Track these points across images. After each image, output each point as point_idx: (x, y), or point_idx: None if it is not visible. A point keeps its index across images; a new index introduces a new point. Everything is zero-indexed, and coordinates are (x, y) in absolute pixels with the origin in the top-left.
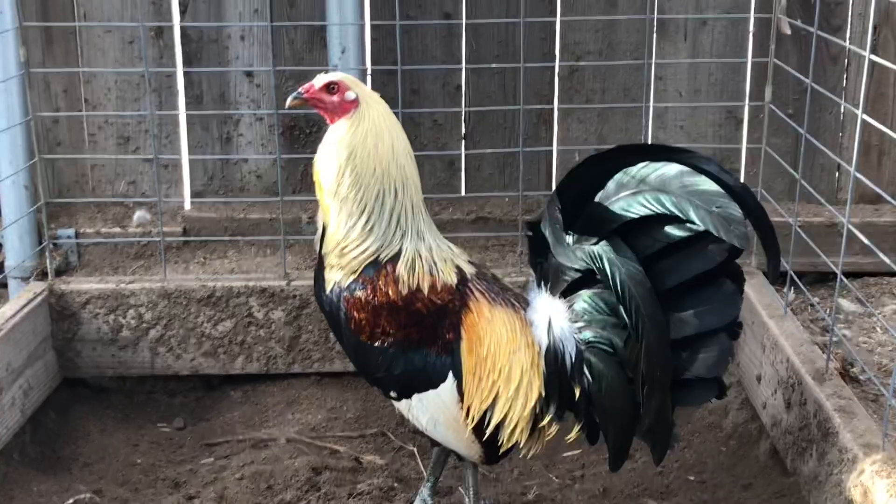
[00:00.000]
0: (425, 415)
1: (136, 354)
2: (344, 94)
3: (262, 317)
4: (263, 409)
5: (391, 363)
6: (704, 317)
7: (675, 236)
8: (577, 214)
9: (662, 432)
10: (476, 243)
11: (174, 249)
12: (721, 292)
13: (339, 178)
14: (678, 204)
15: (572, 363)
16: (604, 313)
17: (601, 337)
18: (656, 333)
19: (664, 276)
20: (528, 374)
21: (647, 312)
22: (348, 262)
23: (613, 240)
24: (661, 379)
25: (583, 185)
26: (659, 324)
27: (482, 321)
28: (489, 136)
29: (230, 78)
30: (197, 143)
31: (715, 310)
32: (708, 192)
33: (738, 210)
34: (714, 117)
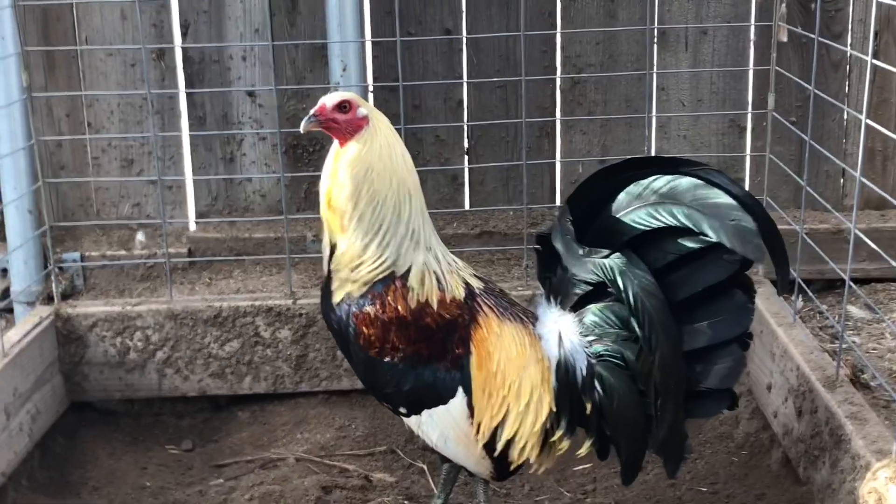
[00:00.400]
0: (435, 431)
1: (143, 377)
2: (356, 111)
3: (268, 336)
4: (272, 429)
5: (401, 379)
6: (717, 328)
7: (687, 248)
8: (587, 227)
9: (676, 445)
10: (481, 258)
11: (180, 270)
12: (733, 303)
13: (356, 196)
14: (691, 216)
15: (583, 377)
16: (615, 326)
17: (612, 350)
18: (670, 345)
19: (676, 287)
20: (539, 390)
21: (660, 324)
22: (361, 278)
23: (625, 252)
24: (675, 391)
25: (593, 198)
26: (672, 336)
27: (491, 336)
28: (492, 151)
29: (232, 98)
30: (200, 163)
31: (727, 321)
32: (721, 204)
33: (753, 222)
34: (717, 126)
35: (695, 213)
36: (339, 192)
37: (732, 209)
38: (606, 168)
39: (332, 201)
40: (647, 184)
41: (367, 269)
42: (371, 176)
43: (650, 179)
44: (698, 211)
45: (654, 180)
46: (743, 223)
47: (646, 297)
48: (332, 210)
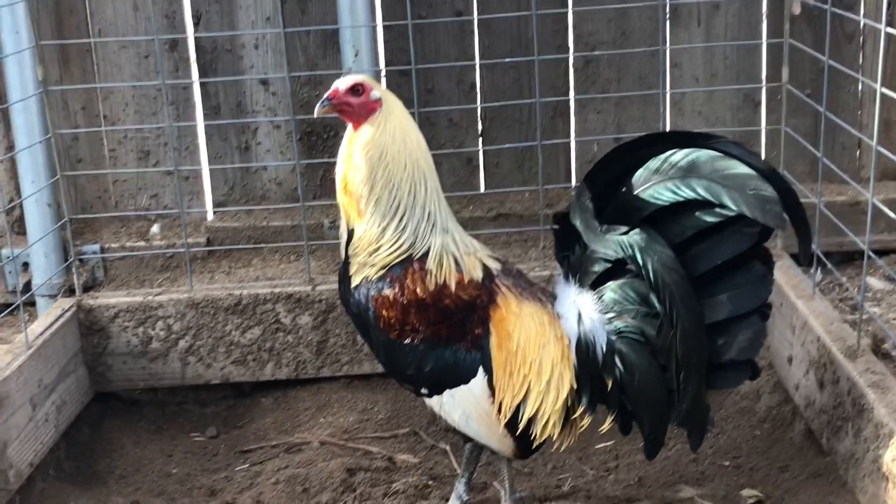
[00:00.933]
0: (457, 411)
1: (166, 366)
2: (369, 94)
3: (289, 322)
4: (295, 414)
5: (421, 360)
6: (737, 300)
7: (706, 222)
8: (606, 203)
9: (699, 417)
10: (498, 240)
11: (199, 260)
12: (752, 274)
13: (372, 179)
14: (710, 188)
15: (603, 354)
16: (634, 303)
17: (632, 326)
18: (691, 319)
19: (696, 261)
20: (559, 368)
21: (681, 299)
22: (379, 261)
23: (644, 228)
24: (697, 364)
25: (611, 174)
26: (693, 310)
27: (510, 316)
28: (506, 132)
29: (246, 87)
30: (216, 153)
31: (747, 292)
32: (740, 175)
33: (772, 190)
34: (732, 101)
35: (714, 185)
36: (355, 176)
37: (751, 179)
38: (623, 145)
39: (347, 186)
40: (664, 158)
41: (385, 253)
42: (386, 159)
43: (667, 154)
44: (717, 183)
45: (672, 154)
46: (763, 192)
47: (666, 273)
48: (349, 195)
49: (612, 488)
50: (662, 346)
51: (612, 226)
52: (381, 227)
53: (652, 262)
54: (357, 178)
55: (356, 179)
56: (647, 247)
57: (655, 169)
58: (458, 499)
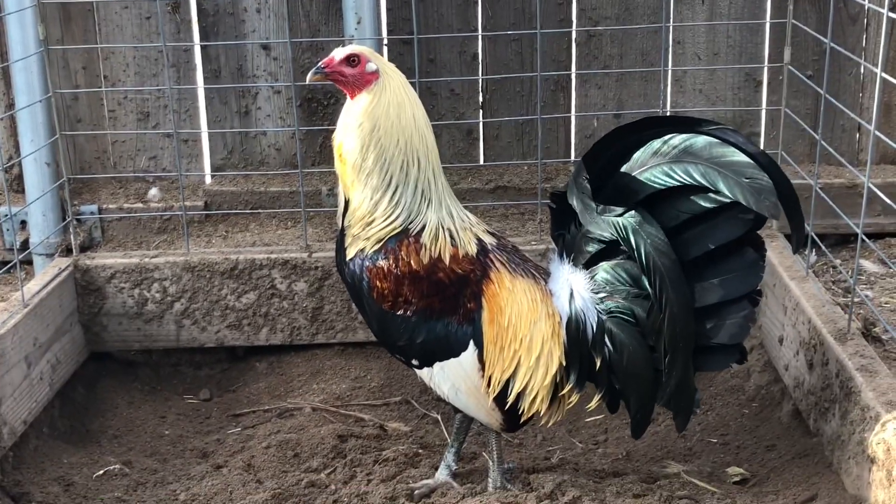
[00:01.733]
0: (447, 383)
1: (161, 328)
2: (365, 66)
3: (284, 289)
4: (288, 380)
5: (413, 332)
6: (727, 285)
7: (701, 207)
8: (602, 184)
9: (685, 399)
10: (496, 212)
11: (196, 223)
12: (744, 260)
13: (364, 151)
14: (706, 175)
15: (593, 333)
16: (626, 284)
17: (623, 307)
18: (680, 303)
19: (689, 245)
20: (549, 344)
21: (671, 283)
22: (374, 234)
23: (639, 211)
24: (684, 347)
25: (609, 155)
26: (683, 294)
27: (503, 291)
28: (507, 105)
29: (247, 51)
30: (216, 117)
31: (738, 278)
32: (737, 162)
33: (768, 180)
34: (733, 80)
35: (710, 172)
36: (348, 145)
37: (748, 167)
38: (623, 126)
39: (342, 155)
40: (662, 142)
41: (378, 227)
42: (378, 133)
43: (666, 138)
44: (714, 169)
45: (670, 139)
46: (758, 181)
47: (657, 256)
48: (343, 164)
49: (600, 461)
50: (651, 328)
51: (607, 206)
52: (373, 201)
53: (644, 245)
54: (350, 149)
55: (349, 150)
56: (640, 229)
57: (654, 152)
58: (447, 468)
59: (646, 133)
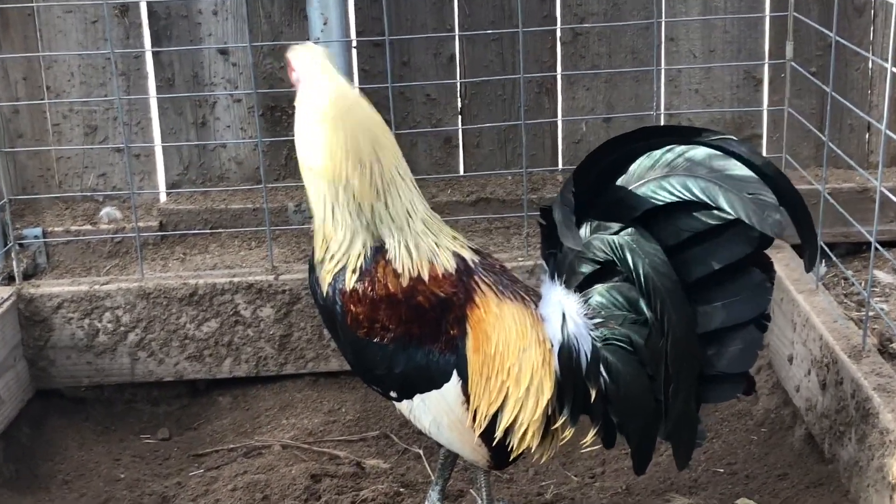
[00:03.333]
0: (428, 417)
1: (114, 361)
2: (292, 73)
3: (249, 315)
4: (255, 415)
5: (391, 361)
6: (732, 309)
7: (702, 224)
8: (596, 199)
9: (687, 433)
10: (478, 227)
11: (151, 246)
12: (750, 282)
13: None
14: (707, 190)
15: (587, 362)
16: (622, 308)
17: (619, 334)
18: (683, 328)
19: (690, 266)
20: (540, 374)
21: (673, 306)
22: (336, 256)
23: (636, 228)
24: (688, 376)
25: (603, 168)
26: (686, 318)
27: (489, 316)
28: (487, 110)
29: (203, 57)
30: (170, 129)
31: (744, 301)
32: (739, 177)
33: (772, 196)
34: (731, 79)
35: (711, 186)
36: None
37: (750, 181)
38: (617, 137)
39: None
40: (660, 154)
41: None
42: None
43: (664, 150)
44: (714, 183)
45: (668, 151)
46: (761, 196)
47: (657, 277)
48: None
49: (598, 496)
50: (651, 356)
51: (602, 223)
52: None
53: (643, 266)
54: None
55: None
56: (637, 248)
57: (650, 165)
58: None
59: (642, 144)
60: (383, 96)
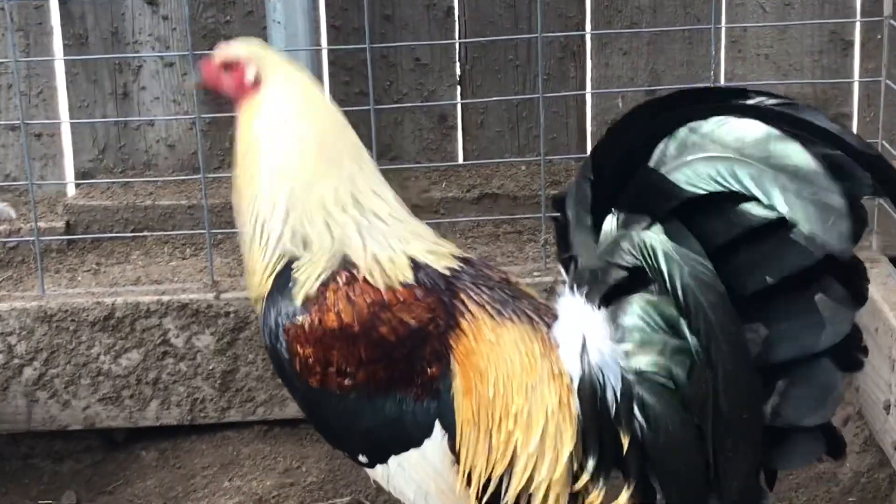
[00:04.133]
0: (410, 485)
1: (5, 403)
2: (244, 74)
3: (182, 344)
4: (189, 475)
5: (353, 416)
6: (800, 335)
7: (759, 219)
8: (622, 186)
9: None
10: (482, 231)
11: (54, 253)
12: (824, 300)
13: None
14: (758, 180)
15: (617, 402)
16: (661, 331)
17: (658, 366)
18: (736, 360)
19: (744, 276)
20: (556, 419)
21: (721, 330)
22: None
23: (672, 223)
24: (748, 426)
25: (630, 146)
26: (738, 345)
27: (482, 346)
28: (494, 80)
29: (125, 8)
30: (82, 101)
31: (814, 326)
32: (801, 168)
33: (840, 196)
34: (812, 41)
35: (764, 177)
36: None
37: (815, 174)
38: (649, 103)
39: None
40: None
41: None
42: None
43: (712, 122)
44: (770, 173)
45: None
46: (826, 196)
47: (699, 291)
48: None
49: None
50: (696, 396)
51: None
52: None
53: (680, 275)
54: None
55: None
56: (674, 252)
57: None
58: None
59: (682, 113)
60: (359, 60)
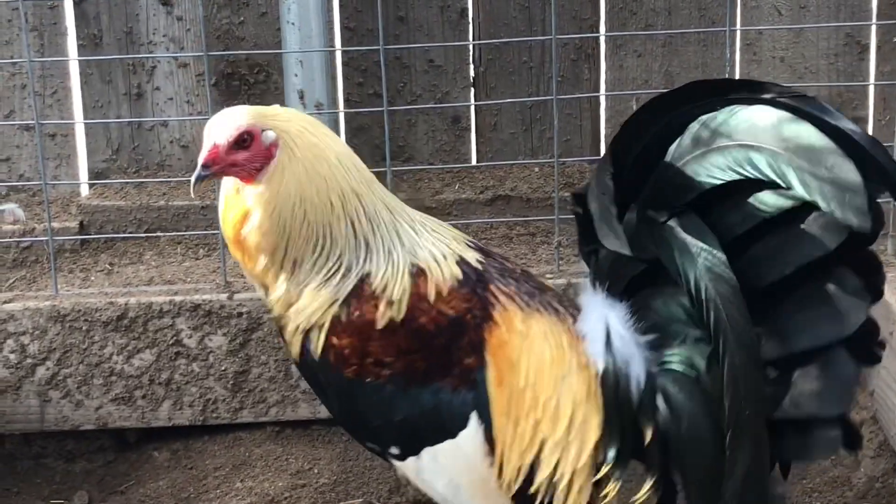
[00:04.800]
0: (441, 478)
1: (18, 403)
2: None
3: (195, 345)
4: (201, 476)
5: (389, 406)
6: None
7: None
8: (640, 181)
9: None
10: (495, 232)
11: (68, 253)
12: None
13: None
14: (774, 165)
15: (640, 392)
16: (682, 322)
17: (680, 356)
18: (741, 354)
19: (761, 266)
20: (583, 409)
21: (730, 322)
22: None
23: (688, 217)
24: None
25: (647, 140)
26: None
27: (514, 337)
28: (508, 81)
29: (139, 8)
30: (96, 101)
31: (829, 316)
32: (815, 147)
33: (856, 172)
34: (828, 44)
35: (780, 160)
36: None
37: (829, 152)
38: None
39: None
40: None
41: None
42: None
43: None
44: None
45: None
46: (842, 172)
47: (711, 282)
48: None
49: None
50: (712, 387)
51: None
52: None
53: (695, 268)
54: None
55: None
56: (688, 244)
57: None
58: None
59: (695, 105)
60: (373, 62)
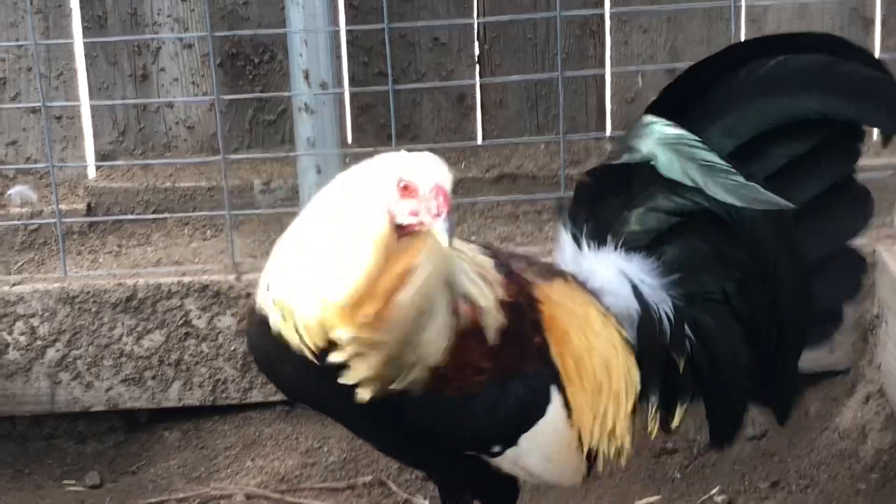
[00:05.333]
0: (535, 455)
1: (28, 385)
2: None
3: (204, 325)
4: (212, 455)
5: (494, 408)
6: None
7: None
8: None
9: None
10: (501, 211)
11: (76, 235)
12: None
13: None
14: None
15: (672, 328)
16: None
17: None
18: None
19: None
20: (622, 356)
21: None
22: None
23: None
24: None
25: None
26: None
27: (556, 310)
28: (513, 59)
29: None
30: (102, 83)
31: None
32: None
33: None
34: (833, 19)
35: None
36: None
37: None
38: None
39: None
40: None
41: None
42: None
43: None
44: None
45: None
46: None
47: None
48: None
49: None
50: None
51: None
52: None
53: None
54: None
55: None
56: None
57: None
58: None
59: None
60: (378, 40)
